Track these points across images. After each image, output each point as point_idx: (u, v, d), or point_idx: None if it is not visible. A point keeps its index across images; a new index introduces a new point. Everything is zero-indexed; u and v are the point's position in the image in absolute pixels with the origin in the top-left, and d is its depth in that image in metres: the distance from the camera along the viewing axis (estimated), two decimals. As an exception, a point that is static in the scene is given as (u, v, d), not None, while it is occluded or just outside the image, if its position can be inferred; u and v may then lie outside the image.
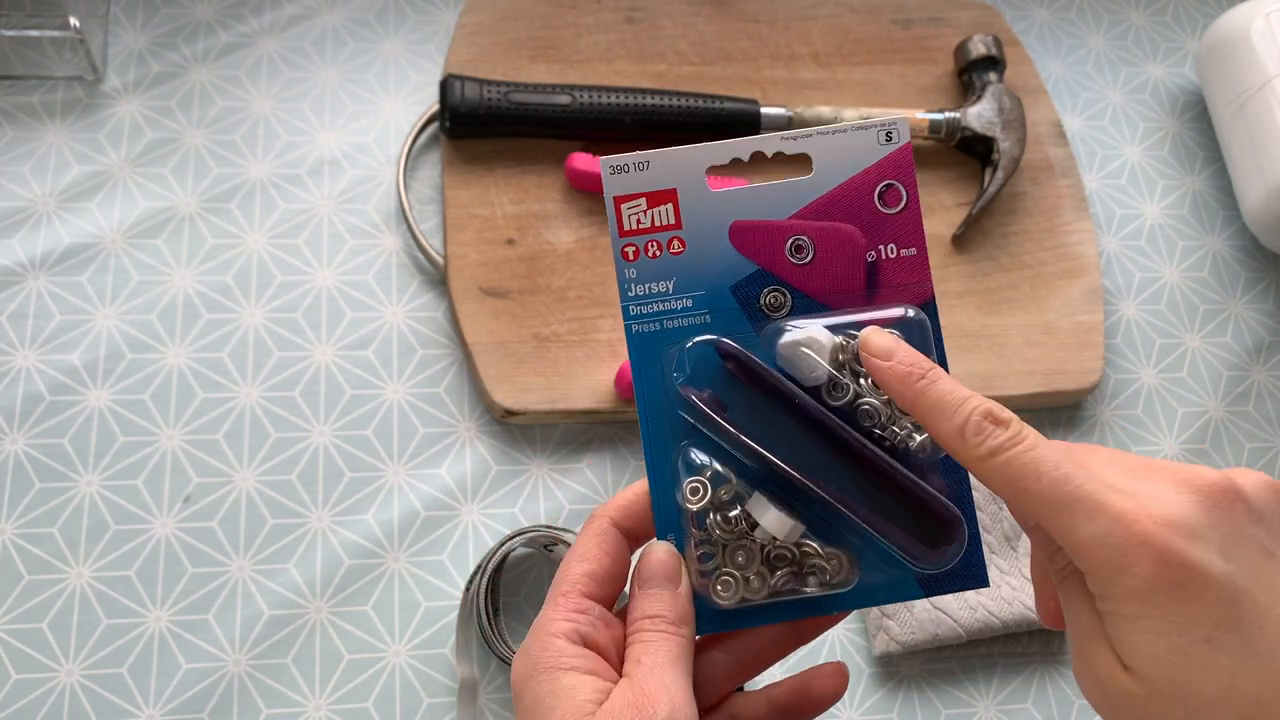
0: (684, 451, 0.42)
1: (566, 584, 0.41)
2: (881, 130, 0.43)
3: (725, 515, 0.41)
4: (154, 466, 0.67)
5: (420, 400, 0.71)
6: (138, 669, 0.63)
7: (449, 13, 0.83)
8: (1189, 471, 0.37)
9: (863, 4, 0.86)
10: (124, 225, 0.73)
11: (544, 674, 0.39)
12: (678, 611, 0.40)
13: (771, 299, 0.42)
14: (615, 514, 0.42)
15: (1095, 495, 0.35)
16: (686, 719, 0.38)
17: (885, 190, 0.43)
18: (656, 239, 0.42)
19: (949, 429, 0.38)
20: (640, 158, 0.42)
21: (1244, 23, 0.82)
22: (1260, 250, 0.84)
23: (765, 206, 0.42)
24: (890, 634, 0.67)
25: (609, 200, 0.42)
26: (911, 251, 0.43)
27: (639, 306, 0.42)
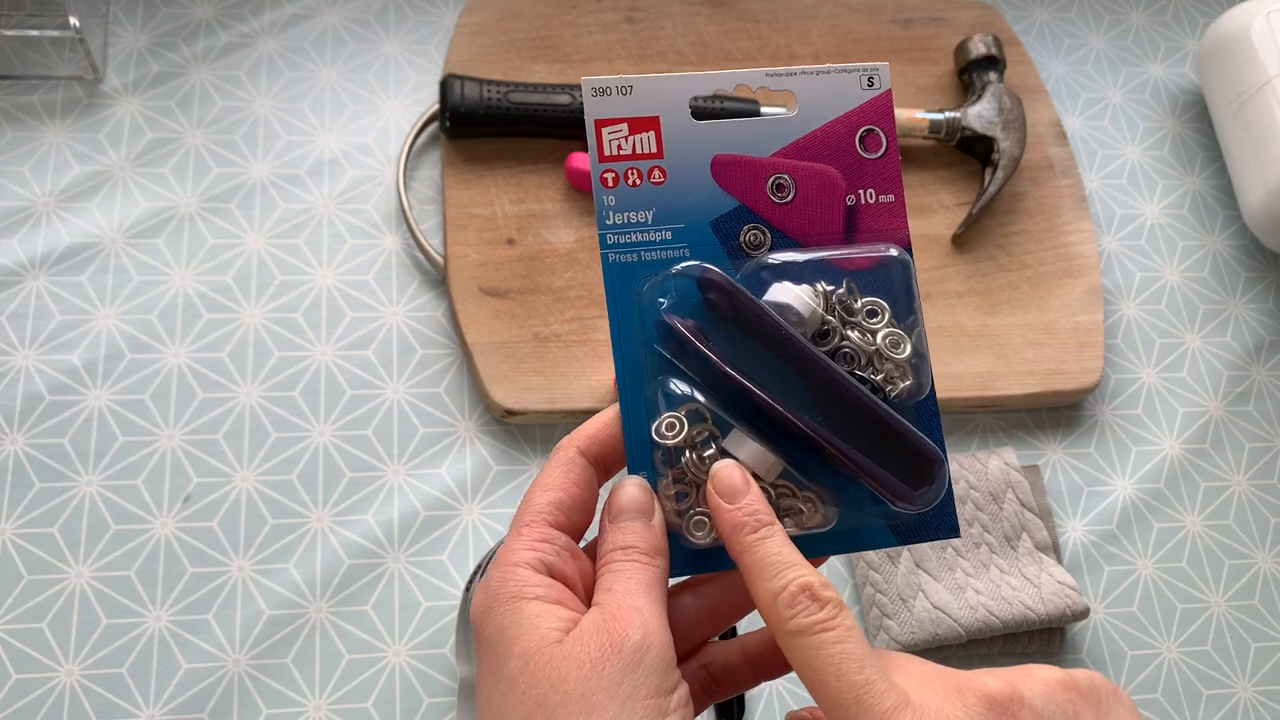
0: (662, 384, 0.41)
1: (530, 513, 0.39)
2: (864, 74, 0.42)
3: (700, 453, 0.40)
4: (154, 466, 0.67)
5: (420, 400, 0.71)
6: (138, 669, 0.63)
7: (449, 13, 0.83)
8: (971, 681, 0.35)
9: (863, 4, 0.86)
10: (124, 225, 0.73)
11: (506, 604, 0.37)
12: (651, 542, 0.39)
13: (751, 236, 0.42)
14: (582, 443, 0.40)
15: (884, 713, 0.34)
16: (660, 644, 0.36)
17: (866, 135, 0.42)
18: (637, 167, 0.41)
19: (766, 590, 0.36)
20: (624, 81, 0.41)
21: (1244, 23, 0.82)
22: (1260, 250, 0.84)
23: (747, 142, 0.42)
24: (890, 634, 0.67)
25: (589, 123, 0.41)
26: (890, 198, 0.42)
27: (616, 235, 0.41)
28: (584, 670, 0.34)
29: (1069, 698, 0.36)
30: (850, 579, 0.70)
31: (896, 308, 0.42)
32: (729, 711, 0.65)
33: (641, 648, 0.35)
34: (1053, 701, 0.35)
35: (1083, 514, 0.74)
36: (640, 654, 0.35)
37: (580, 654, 0.35)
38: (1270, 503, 0.77)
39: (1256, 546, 0.75)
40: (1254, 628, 0.73)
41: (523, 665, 0.35)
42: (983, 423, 0.76)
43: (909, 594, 0.68)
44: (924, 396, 0.41)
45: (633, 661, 0.35)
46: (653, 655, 0.35)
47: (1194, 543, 0.75)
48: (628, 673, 0.35)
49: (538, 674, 0.35)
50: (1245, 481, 0.77)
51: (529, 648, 0.35)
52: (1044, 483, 0.74)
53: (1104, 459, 0.76)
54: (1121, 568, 0.73)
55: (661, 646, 0.36)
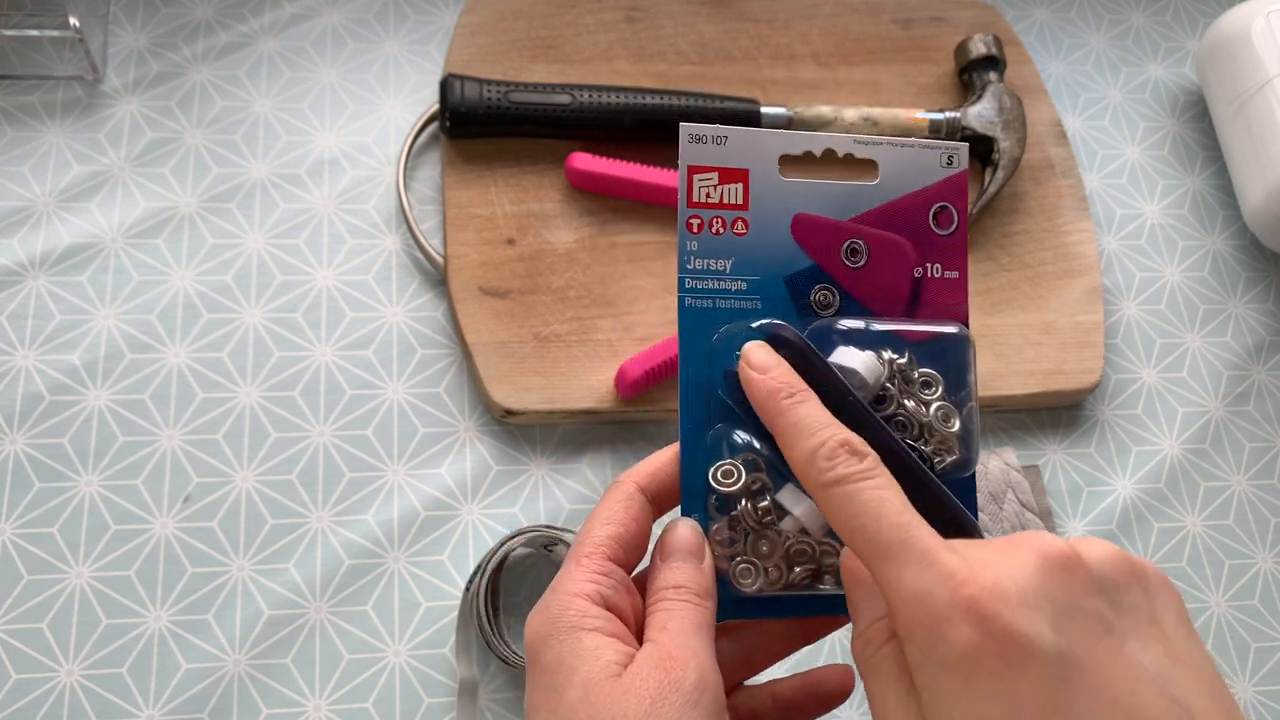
0: (724, 431, 0.42)
1: (590, 545, 0.39)
2: (945, 154, 0.44)
3: (755, 503, 0.41)
4: (154, 466, 0.67)
5: (420, 400, 0.71)
6: (138, 669, 0.63)
7: (449, 13, 0.83)
8: (1031, 538, 0.34)
9: (863, 4, 0.86)
10: (124, 225, 0.73)
11: (566, 633, 0.37)
12: (701, 584, 0.39)
13: (821, 296, 0.43)
14: (641, 480, 0.41)
15: (930, 549, 0.33)
16: (715, 685, 0.37)
17: (939, 211, 0.44)
18: (722, 216, 0.43)
19: (803, 449, 0.37)
20: (720, 131, 0.42)
21: (1244, 23, 0.82)
22: (1260, 250, 0.84)
23: (829, 204, 0.43)
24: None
25: (682, 168, 0.42)
26: (954, 275, 0.44)
27: (695, 280, 0.42)
28: (644, 705, 0.35)
29: (1126, 569, 0.35)
30: (850, 579, 0.70)
31: (950, 382, 0.43)
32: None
33: (699, 687, 0.36)
34: (1109, 568, 0.35)
35: (1083, 514, 0.74)
36: (698, 694, 0.36)
37: (640, 689, 0.35)
38: (1270, 503, 0.77)
39: (1256, 546, 0.75)
40: (1254, 628, 0.73)
41: (583, 695, 0.36)
42: (983, 423, 0.76)
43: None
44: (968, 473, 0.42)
45: (690, 701, 0.35)
46: (709, 696, 0.36)
47: (1194, 543, 0.75)
48: (685, 711, 0.35)
49: (599, 705, 0.35)
50: (1245, 481, 0.77)
51: (590, 679, 0.36)
52: (1044, 483, 0.74)
53: (1104, 459, 0.76)
54: (1121, 568, 0.73)
55: (716, 688, 0.37)
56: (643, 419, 0.72)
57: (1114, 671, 0.32)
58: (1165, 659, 0.33)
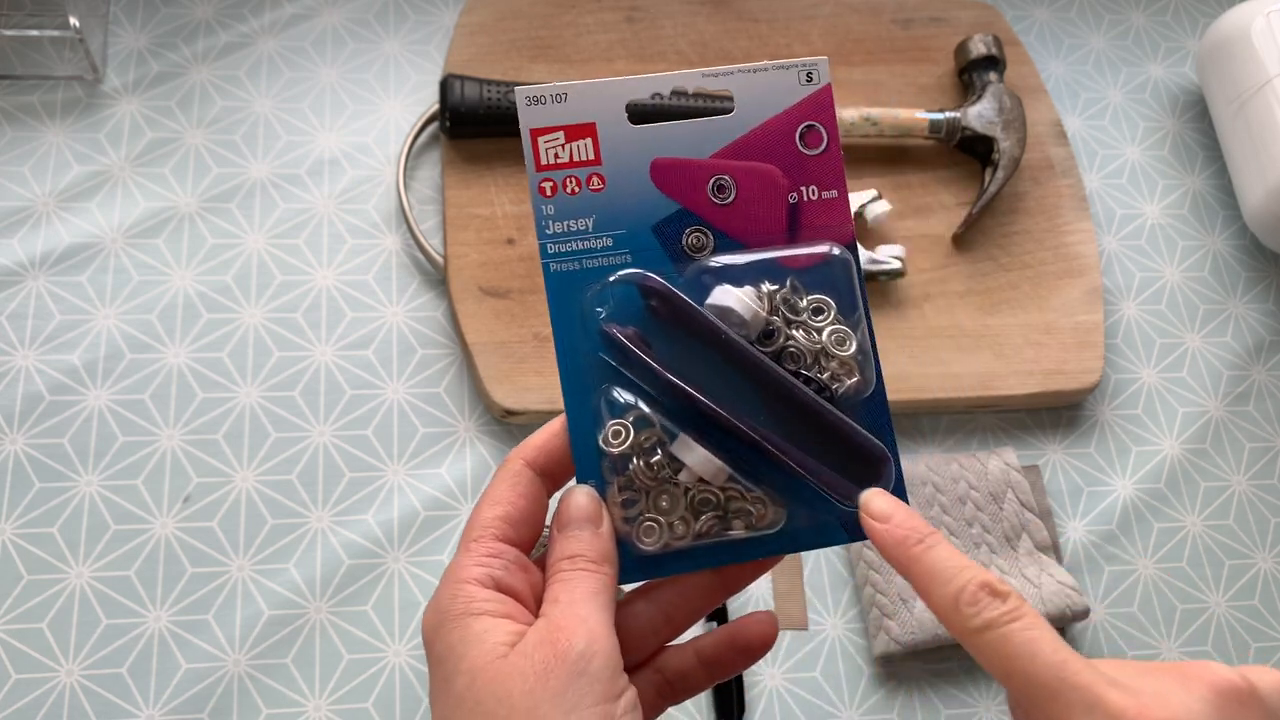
0: (606, 393, 0.40)
1: (478, 529, 0.39)
2: (803, 70, 0.42)
3: (648, 460, 0.40)
4: (154, 466, 0.67)
5: (420, 400, 0.71)
6: (138, 669, 0.63)
7: (449, 13, 0.83)
8: (1199, 669, 0.34)
9: (863, 4, 0.86)
10: (124, 225, 0.73)
11: (454, 620, 0.36)
12: (598, 550, 0.39)
13: (694, 239, 0.41)
14: (529, 455, 0.40)
15: (1094, 687, 0.33)
16: (605, 650, 0.36)
17: (806, 131, 0.42)
18: (575, 175, 0.41)
19: (943, 595, 0.36)
20: (558, 89, 0.41)
21: (1244, 23, 0.82)
22: (1260, 250, 0.84)
23: (686, 144, 0.41)
24: (890, 634, 0.67)
25: (524, 132, 0.41)
26: (833, 194, 0.42)
27: (557, 245, 0.41)
28: (529, 683, 0.34)
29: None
30: (850, 579, 0.70)
31: (841, 305, 0.41)
32: (729, 711, 0.65)
33: (585, 656, 0.35)
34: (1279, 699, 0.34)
35: (1083, 514, 0.74)
36: (584, 662, 0.35)
37: (524, 667, 0.35)
38: (1270, 503, 0.77)
39: (1256, 546, 0.75)
40: (1254, 628, 0.73)
41: (470, 681, 0.35)
42: (983, 423, 0.76)
43: (909, 594, 0.68)
44: (871, 393, 0.41)
45: (576, 670, 0.35)
46: (597, 663, 0.35)
47: (1194, 543, 0.75)
48: (572, 682, 0.34)
49: (484, 690, 0.35)
50: (1245, 481, 0.77)
51: (476, 664, 0.35)
52: (1044, 483, 0.74)
53: (1104, 459, 0.76)
54: (1122, 568, 0.73)
55: (606, 653, 0.36)
56: (643, 419, 0.72)
57: None
58: None
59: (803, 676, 0.67)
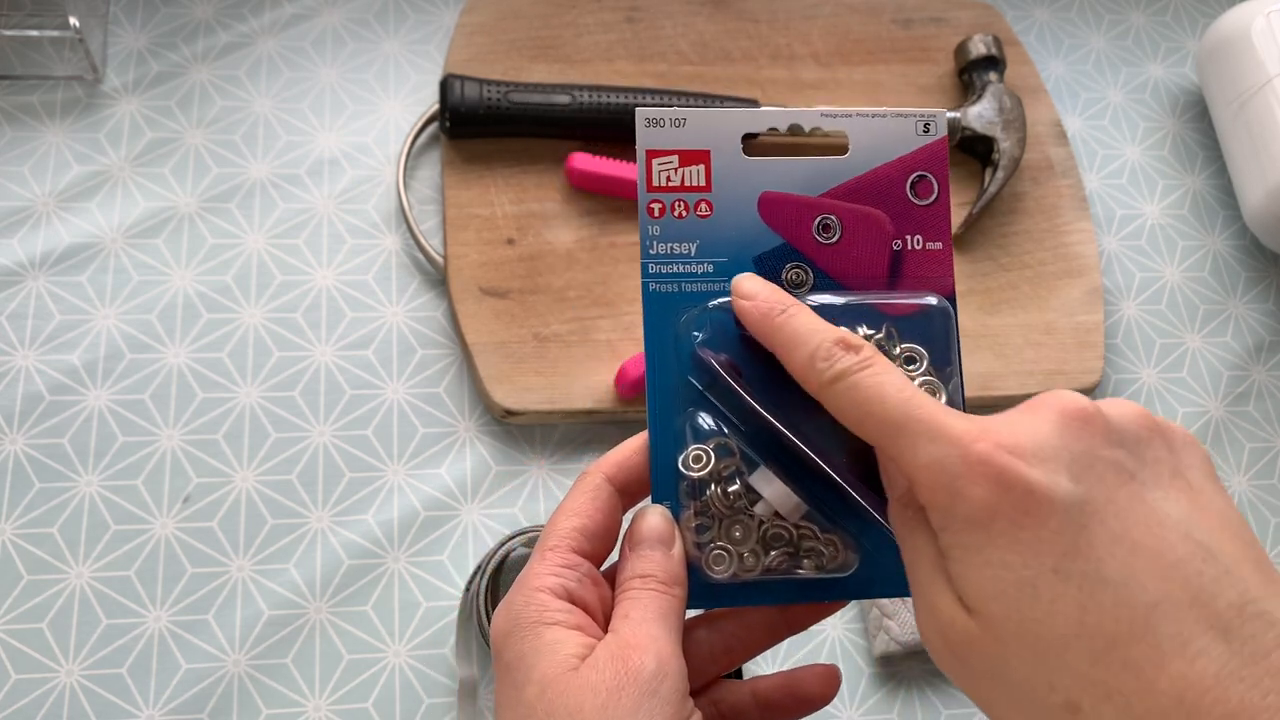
0: (691, 417, 0.41)
1: (555, 538, 0.39)
2: (920, 121, 0.42)
3: (725, 488, 0.40)
4: (154, 466, 0.67)
5: (420, 400, 0.71)
6: (138, 669, 0.63)
7: (449, 13, 0.83)
8: (1049, 396, 0.34)
9: (863, 4, 0.86)
10: (124, 225, 0.73)
11: (527, 629, 0.37)
12: (670, 572, 0.39)
13: (793, 275, 0.42)
14: (609, 470, 0.40)
15: (936, 417, 0.33)
16: (676, 673, 0.36)
17: (918, 181, 0.42)
18: (684, 199, 0.42)
19: (800, 356, 0.37)
20: (677, 114, 0.41)
21: (1244, 23, 0.82)
22: (1260, 250, 0.84)
23: (797, 181, 0.42)
24: (891, 634, 0.67)
25: (640, 153, 0.41)
26: (937, 245, 0.42)
27: (658, 265, 0.41)
28: (600, 699, 0.34)
29: (1149, 424, 0.35)
30: (850, 579, 0.70)
31: (935, 356, 0.41)
32: None
33: (657, 676, 0.35)
34: (1132, 422, 0.34)
35: (1083, 514, 0.74)
36: (656, 683, 0.35)
37: (596, 682, 0.35)
38: (1270, 503, 0.77)
39: (1256, 546, 0.75)
40: (1254, 628, 0.73)
41: (540, 691, 0.35)
42: (983, 423, 0.76)
43: (909, 594, 0.68)
44: None
45: (648, 690, 0.35)
46: (668, 685, 0.35)
47: (1194, 543, 0.74)
48: (643, 701, 0.35)
49: (555, 701, 0.35)
50: (1245, 481, 0.77)
51: (547, 674, 0.35)
52: (1044, 483, 0.74)
53: (1104, 459, 0.76)
54: (1121, 568, 0.73)
55: (676, 676, 0.36)
56: (643, 419, 0.72)
57: (1135, 517, 0.32)
58: (1189, 507, 0.33)
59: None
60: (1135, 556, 0.31)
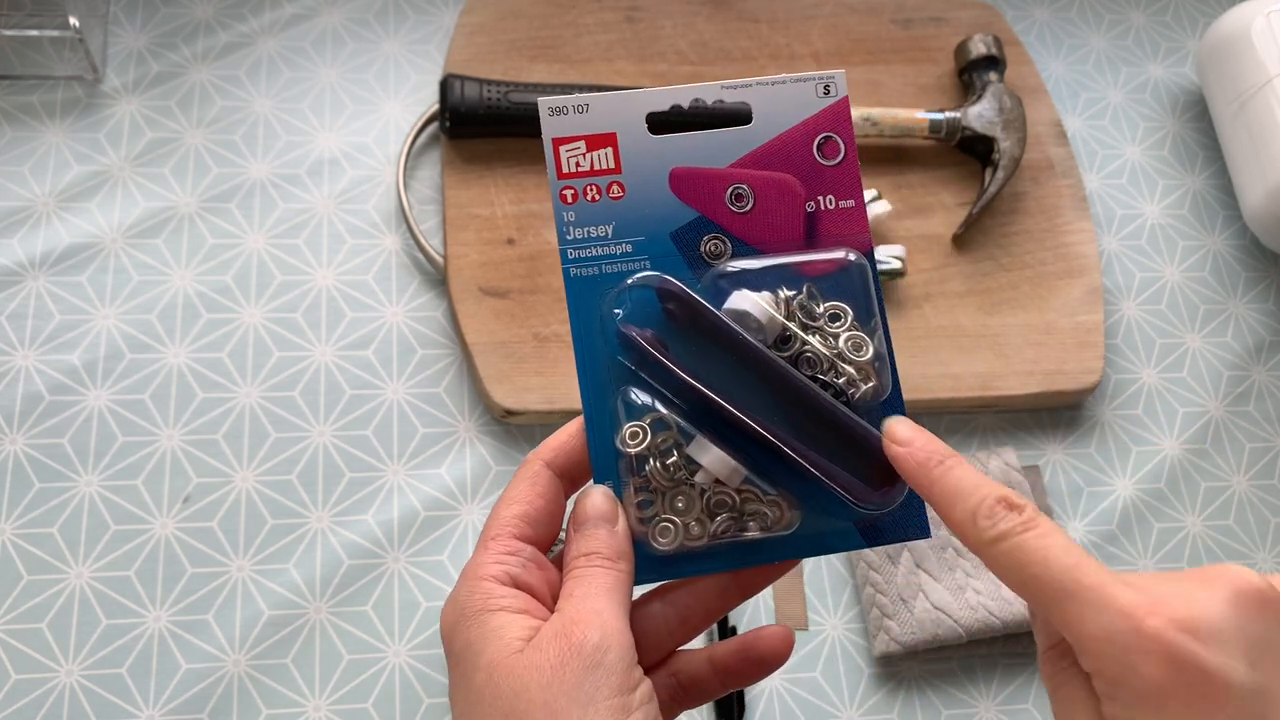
0: (623, 395, 0.41)
1: (496, 527, 0.39)
2: (820, 83, 0.43)
3: (664, 461, 0.40)
4: (154, 466, 0.67)
5: (420, 400, 0.71)
6: (137, 669, 0.63)
7: (449, 13, 0.83)
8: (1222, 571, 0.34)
9: (863, 4, 0.86)
10: (124, 225, 0.73)
11: (472, 617, 0.37)
12: (614, 547, 0.39)
13: (712, 246, 0.42)
14: (548, 455, 0.41)
15: (1106, 587, 0.33)
16: (620, 644, 0.36)
17: (824, 142, 0.43)
18: (595, 183, 0.42)
19: (962, 511, 0.37)
20: (580, 100, 0.42)
21: (1244, 22, 0.82)
22: (1260, 250, 0.84)
23: (705, 154, 0.42)
24: (890, 634, 0.67)
25: (547, 142, 0.42)
26: (850, 203, 0.43)
27: (577, 250, 0.42)
28: (544, 676, 0.35)
29: None
30: (851, 579, 0.70)
31: (858, 311, 0.42)
32: (729, 712, 0.65)
33: (600, 648, 0.35)
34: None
35: (1083, 514, 0.74)
36: (599, 654, 0.35)
37: (540, 660, 0.35)
38: (1270, 503, 0.77)
39: (1256, 546, 0.75)
40: (1254, 628, 0.73)
41: (488, 677, 0.36)
42: (983, 423, 0.76)
43: (909, 594, 0.68)
44: (887, 398, 0.42)
45: (592, 663, 0.35)
46: (612, 655, 0.36)
47: (1194, 543, 0.75)
48: (587, 674, 0.35)
49: (502, 685, 0.35)
50: (1245, 481, 0.77)
51: (494, 659, 0.36)
52: (1044, 483, 0.74)
53: (1104, 459, 0.76)
54: (1122, 568, 0.73)
55: (621, 646, 0.36)
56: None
57: None
58: None
59: (803, 676, 0.67)
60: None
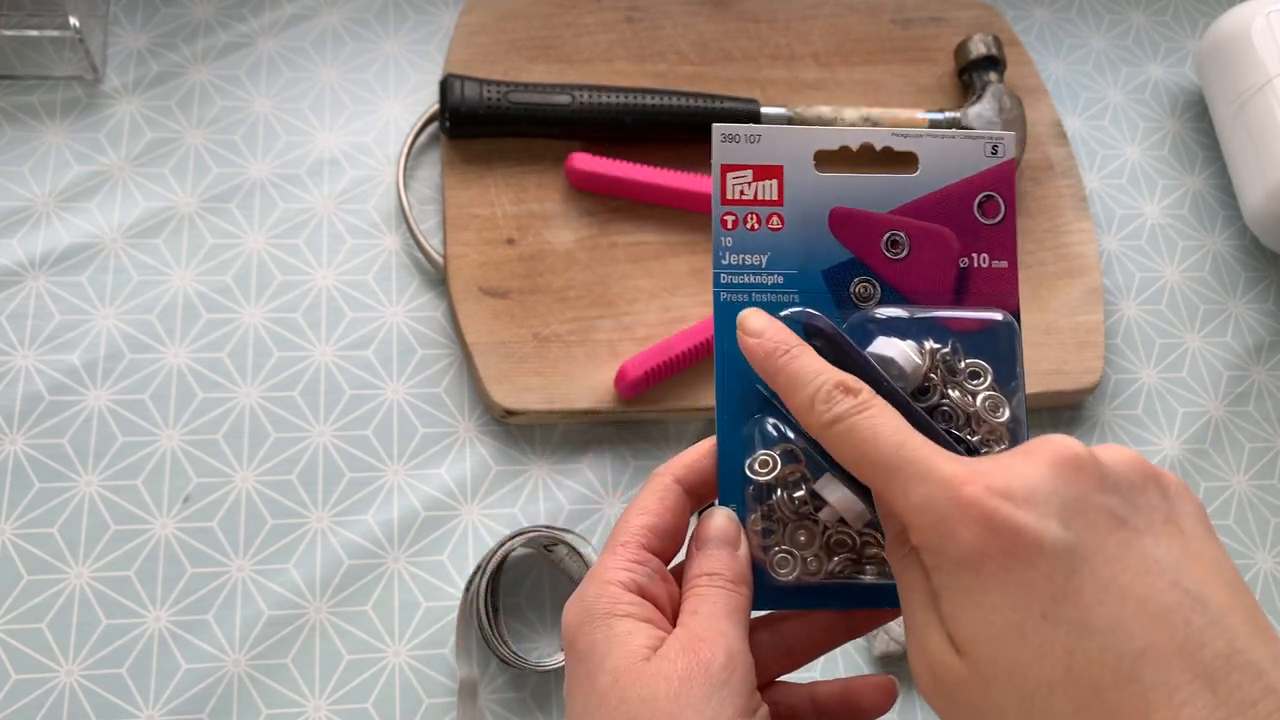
0: (759, 423, 0.42)
1: (626, 534, 0.40)
2: (989, 143, 0.43)
3: (791, 493, 0.41)
4: (154, 466, 0.67)
5: (420, 400, 0.71)
6: (137, 669, 0.63)
7: (449, 13, 0.83)
8: (1042, 442, 0.34)
9: (863, 4, 0.86)
10: (124, 225, 0.73)
11: (599, 620, 0.38)
12: (736, 571, 0.40)
13: (861, 289, 0.43)
14: (679, 471, 0.42)
15: (928, 459, 0.34)
16: (745, 665, 0.37)
17: (985, 201, 0.43)
18: (756, 212, 0.43)
19: (801, 397, 0.38)
20: (752, 130, 0.43)
21: (1244, 22, 0.82)
22: (1260, 250, 0.84)
23: (867, 198, 0.43)
24: (891, 634, 0.67)
25: (715, 167, 0.43)
26: (1003, 264, 0.43)
27: (730, 276, 0.43)
28: (673, 687, 0.36)
29: (1143, 471, 0.35)
30: (850, 579, 0.70)
31: (999, 372, 0.42)
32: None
33: (727, 668, 0.36)
34: (1125, 469, 0.34)
35: (1083, 514, 0.74)
36: (726, 674, 0.36)
37: (669, 672, 0.36)
38: (1270, 503, 0.77)
39: (1256, 546, 0.75)
40: (1254, 628, 0.73)
41: (613, 680, 0.36)
42: (983, 423, 0.76)
43: (909, 594, 0.68)
44: None
45: (719, 681, 0.36)
46: (738, 676, 0.36)
47: (1194, 543, 0.75)
48: (714, 691, 0.36)
49: (628, 690, 0.36)
50: (1245, 481, 0.77)
51: (620, 664, 0.37)
52: (1044, 483, 0.74)
53: (1104, 459, 0.76)
54: (1121, 568, 0.73)
55: (745, 668, 0.37)
56: (643, 419, 0.72)
57: (1124, 564, 0.32)
58: (1180, 555, 0.33)
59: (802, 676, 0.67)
60: (1123, 603, 0.31)
